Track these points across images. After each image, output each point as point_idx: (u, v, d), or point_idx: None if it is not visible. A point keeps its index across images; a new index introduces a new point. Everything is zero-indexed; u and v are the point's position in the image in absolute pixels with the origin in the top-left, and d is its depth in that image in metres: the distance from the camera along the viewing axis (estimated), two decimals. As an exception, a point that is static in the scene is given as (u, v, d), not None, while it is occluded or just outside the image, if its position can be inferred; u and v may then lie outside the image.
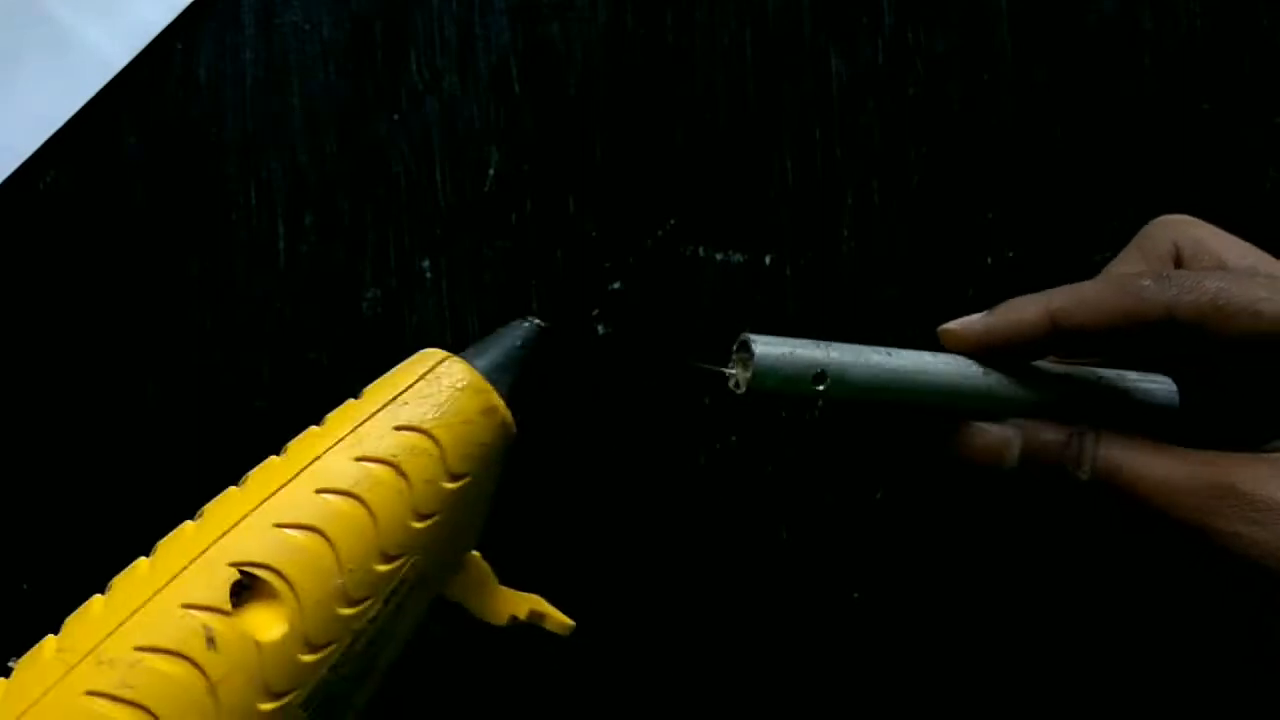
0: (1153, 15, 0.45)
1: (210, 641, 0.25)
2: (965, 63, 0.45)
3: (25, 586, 0.42)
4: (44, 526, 0.42)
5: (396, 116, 0.44)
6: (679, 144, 0.44)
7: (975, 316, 0.35)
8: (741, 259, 0.44)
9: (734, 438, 0.44)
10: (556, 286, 0.44)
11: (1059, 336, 0.33)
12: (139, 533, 0.42)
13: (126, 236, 0.43)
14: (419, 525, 0.28)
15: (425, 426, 0.29)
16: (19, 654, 0.27)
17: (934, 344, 0.35)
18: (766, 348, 0.32)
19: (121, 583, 0.27)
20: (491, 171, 0.44)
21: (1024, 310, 0.34)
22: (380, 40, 0.44)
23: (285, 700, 0.26)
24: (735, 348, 0.33)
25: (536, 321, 0.31)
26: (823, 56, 0.45)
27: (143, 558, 0.27)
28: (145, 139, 0.43)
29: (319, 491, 0.27)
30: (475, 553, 0.31)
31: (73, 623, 0.26)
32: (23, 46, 0.42)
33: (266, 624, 0.26)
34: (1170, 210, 0.40)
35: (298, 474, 0.28)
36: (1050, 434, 0.34)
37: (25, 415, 0.43)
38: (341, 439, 0.28)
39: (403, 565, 0.28)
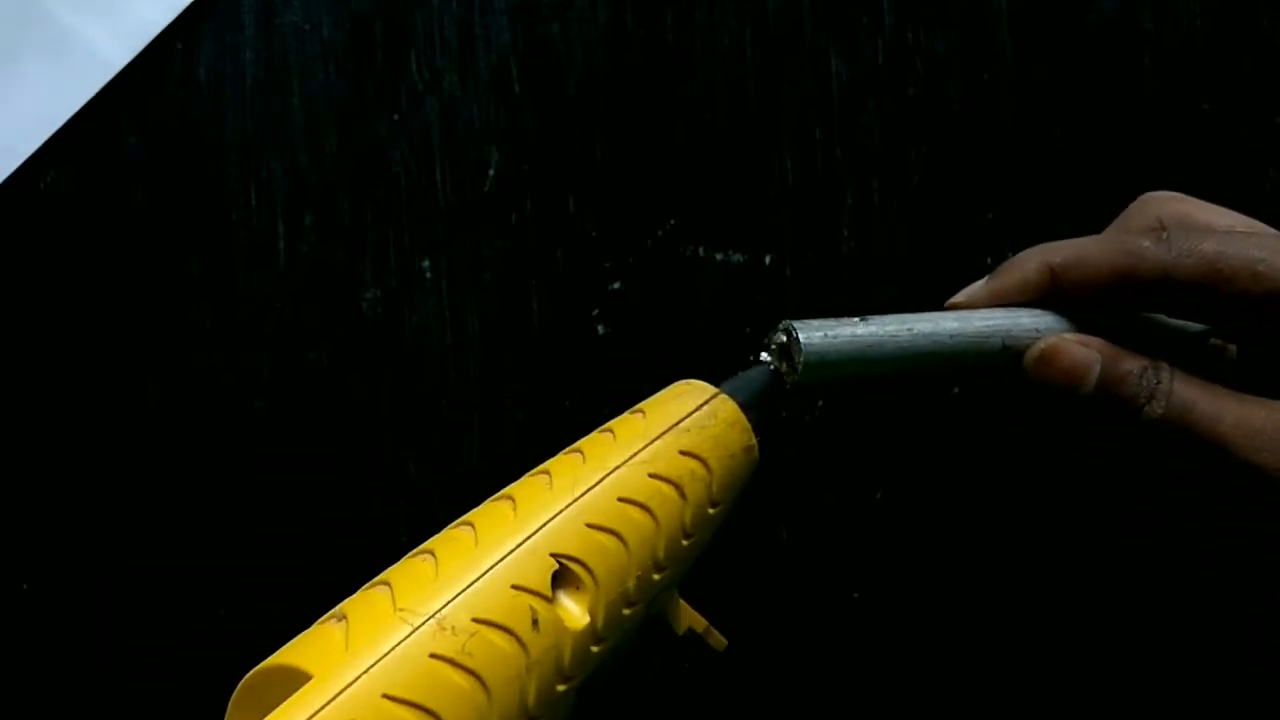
0: (1153, 15, 0.45)
1: (535, 623, 0.28)
2: (965, 63, 0.45)
3: (25, 586, 0.42)
4: (44, 526, 0.42)
5: (396, 116, 0.44)
6: (679, 144, 0.44)
7: (978, 284, 0.35)
8: (741, 259, 0.44)
9: (734, 438, 0.44)
10: (556, 286, 0.44)
11: (1059, 293, 0.34)
12: (140, 532, 0.43)
13: (126, 236, 0.43)
14: (685, 543, 0.31)
15: (703, 455, 0.32)
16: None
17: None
18: (810, 332, 0.32)
19: (447, 553, 0.29)
20: (491, 171, 0.44)
21: (1026, 267, 0.34)
22: (380, 40, 0.44)
23: (573, 684, 0.28)
24: (773, 343, 0.33)
25: (774, 366, 0.34)
26: (823, 56, 0.45)
27: (464, 529, 0.29)
28: (145, 139, 0.43)
29: (620, 500, 0.30)
30: None
31: (403, 581, 0.28)
32: (23, 46, 0.42)
33: (574, 613, 0.29)
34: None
35: (601, 480, 0.30)
36: (1130, 363, 0.33)
37: (25, 415, 0.43)
38: (636, 454, 0.31)
39: (667, 576, 0.31)
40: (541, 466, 0.32)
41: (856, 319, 0.33)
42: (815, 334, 0.33)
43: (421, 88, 0.44)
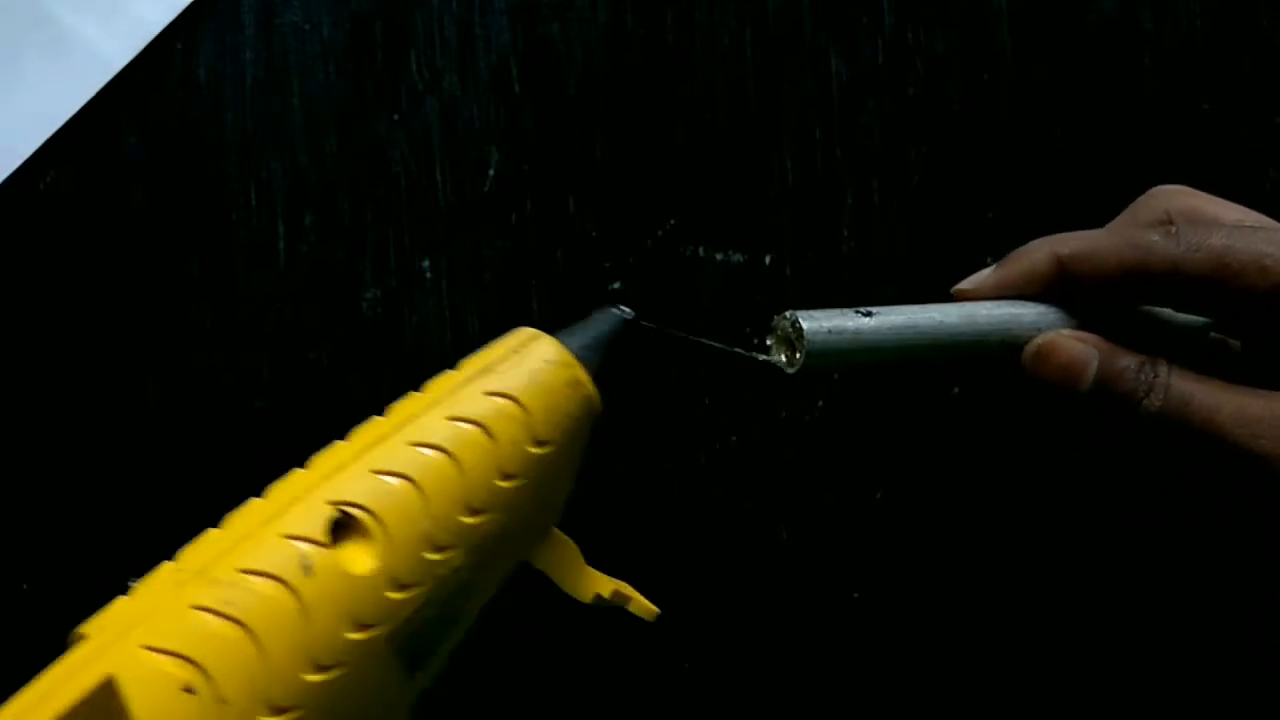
0: (1153, 15, 0.45)
1: (306, 569, 0.28)
2: (965, 63, 0.45)
3: (25, 586, 0.42)
4: (44, 526, 0.42)
5: (396, 116, 0.44)
6: (679, 144, 0.44)
7: (985, 272, 0.35)
8: (741, 259, 0.44)
9: (734, 438, 0.44)
10: (556, 286, 0.44)
11: (1067, 284, 0.34)
12: (139, 532, 0.43)
13: (126, 236, 0.43)
14: (504, 485, 0.30)
15: (513, 393, 0.31)
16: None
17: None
18: (813, 323, 0.33)
19: (234, 517, 0.30)
20: (491, 171, 0.44)
21: (1034, 257, 0.34)
22: (380, 40, 0.44)
23: (371, 633, 0.28)
24: (777, 329, 0.33)
25: (625, 310, 0.34)
26: (823, 56, 0.45)
27: (255, 497, 0.30)
28: (145, 139, 0.43)
29: (412, 444, 0.30)
30: (559, 531, 0.34)
31: (188, 549, 0.29)
32: (23, 46, 0.42)
33: (359, 559, 0.28)
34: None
35: (395, 430, 0.30)
36: (1126, 359, 0.33)
37: (25, 415, 0.43)
38: (437, 401, 0.31)
39: (487, 520, 0.30)
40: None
41: (859, 311, 0.33)
42: (818, 324, 0.33)
43: (421, 88, 0.44)
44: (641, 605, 0.34)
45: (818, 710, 0.44)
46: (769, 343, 0.34)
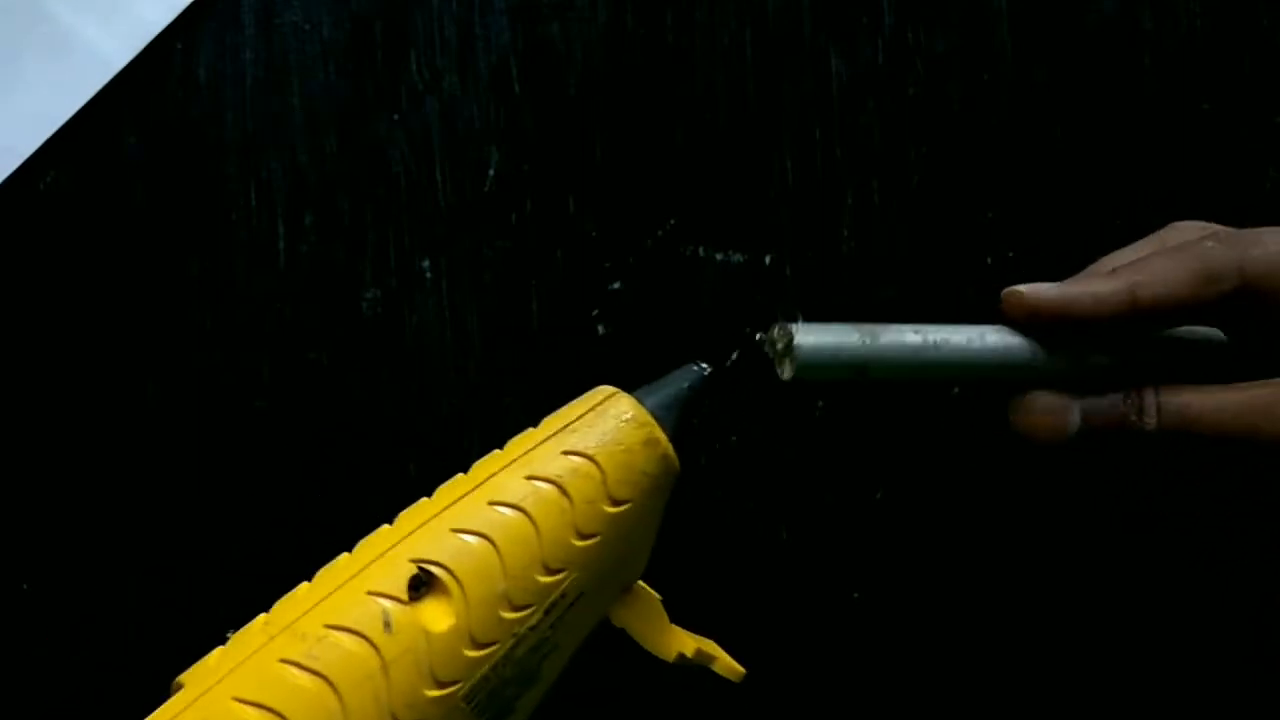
0: (1153, 15, 0.45)
1: (387, 625, 0.28)
2: (965, 63, 0.45)
3: (25, 586, 0.42)
4: (44, 526, 0.42)
5: (396, 116, 0.44)
6: (679, 144, 0.44)
7: (1046, 285, 0.34)
8: (741, 259, 0.44)
9: (734, 438, 0.44)
10: (556, 286, 0.44)
11: (1136, 314, 0.33)
12: (140, 532, 0.43)
13: (126, 236, 0.43)
14: (580, 544, 0.31)
15: (589, 452, 0.31)
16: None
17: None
18: (807, 338, 0.32)
19: (324, 572, 0.31)
20: (491, 171, 0.44)
21: (1100, 285, 0.33)
22: (380, 40, 0.44)
23: (449, 690, 0.29)
24: (776, 333, 0.33)
25: (705, 367, 0.34)
26: (823, 56, 0.45)
27: (345, 553, 0.31)
28: (145, 139, 0.43)
29: (491, 503, 0.31)
30: (644, 585, 0.34)
31: (281, 603, 0.30)
32: (23, 46, 0.42)
33: (437, 616, 0.29)
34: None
35: (475, 488, 0.31)
36: (1107, 397, 0.33)
37: (25, 415, 0.43)
38: (515, 460, 0.32)
39: (564, 579, 0.30)
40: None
41: (855, 332, 0.33)
42: (810, 340, 0.32)
43: (421, 88, 0.44)
44: (727, 665, 0.35)
45: (818, 710, 0.44)
46: (760, 337, 0.34)
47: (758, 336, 0.34)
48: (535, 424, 0.44)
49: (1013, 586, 0.44)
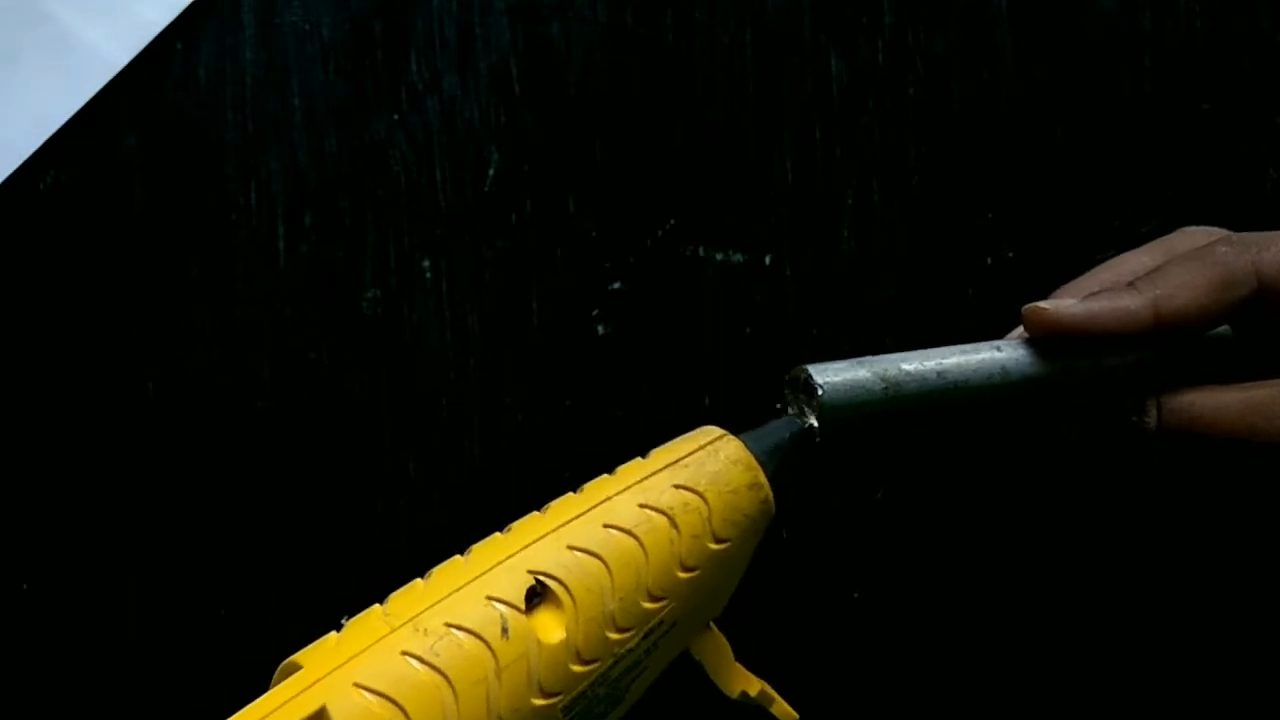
0: (1153, 15, 0.45)
1: (504, 631, 0.29)
2: (965, 63, 0.45)
3: (25, 586, 0.42)
4: (44, 526, 0.42)
5: (396, 116, 0.44)
6: (679, 144, 0.44)
7: (1069, 301, 0.34)
8: (741, 259, 0.44)
9: (734, 438, 0.44)
10: (556, 286, 0.44)
11: (1159, 327, 0.33)
12: (140, 532, 0.43)
13: (126, 237, 0.43)
14: (683, 575, 0.32)
15: (699, 488, 0.32)
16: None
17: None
18: (832, 391, 0.33)
19: (440, 573, 0.31)
20: (491, 171, 0.44)
21: (1125, 300, 0.33)
22: (380, 40, 0.44)
23: (552, 701, 0.30)
24: (794, 386, 0.34)
25: (809, 423, 0.34)
26: (823, 56, 0.45)
27: (458, 555, 0.32)
28: (145, 139, 0.43)
29: (605, 526, 0.31)
30: (713, 625, 0.35)
31: (397, 597, 0.31)
32: (23, 46, 0.42)
33: (550, 628, 0.30)
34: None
35: (590, 509, 0.32)
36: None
37: (25, 415, 0.43)
38: (629, 487, 0.32)
39: (664, 607, 0.32)
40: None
41: (871, 374, 0.33)
42: (835, 390, 0.33)
43: (421, 88, 0.44)
44: (783, 709, 0.36)
45: (818, 710, 0.44)
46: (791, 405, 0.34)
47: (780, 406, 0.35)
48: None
49: (1013, 586, 0.44)
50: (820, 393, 0.33)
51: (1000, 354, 0.34)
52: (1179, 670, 0.44)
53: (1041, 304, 0.34)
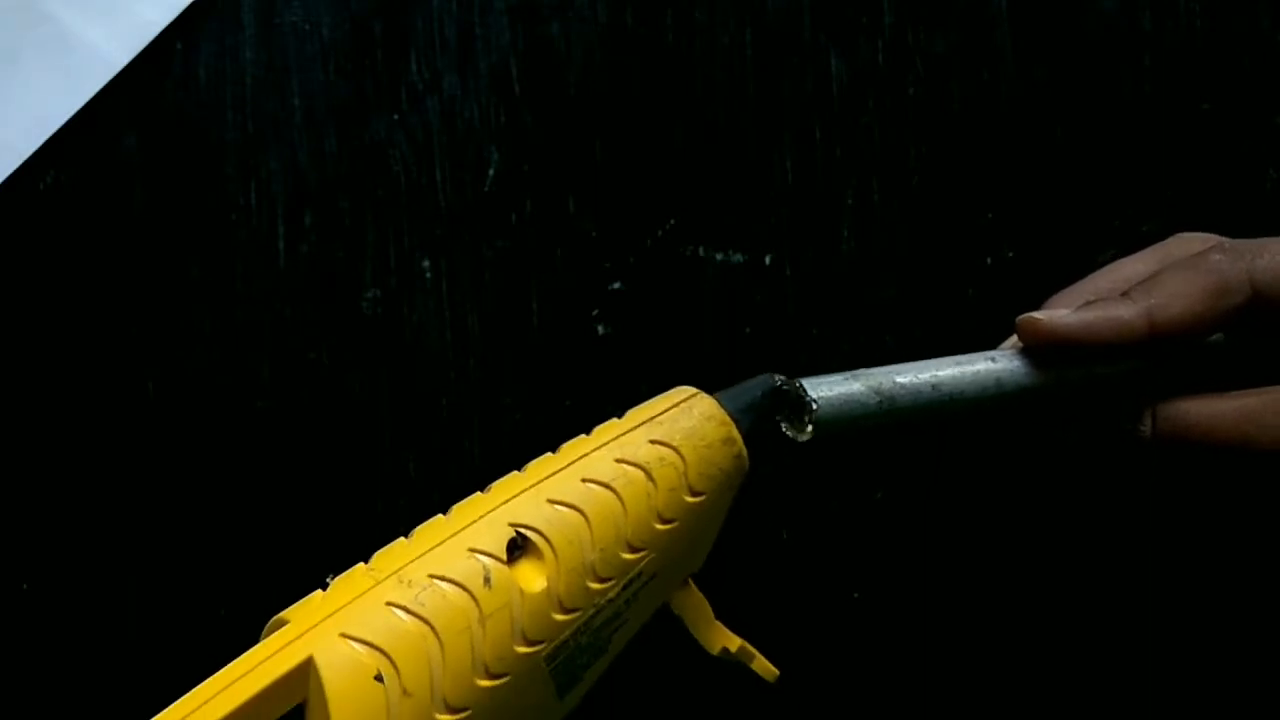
0: (1153, 15, 0.45)
1: (487, 580, 0.30)
2: (965, 63, 0.45)
3: (25, 586, 0.42)
4: (44, 526, 0.42)
5: (396, 116, 0.44)
6: (679, 144, 0.44)
7: (1063, 312, 0.34)
8: (741, 259, 0.44)
9: (734, 438, 0.44)
10: (556, 286, 0.44)
11: (1154, 336, 0.33)
12: (140, 532, 0.43)
13: (126, 237, 0.43)
14: (661, 527, 0.33)
15: (674, 443, 0.33)
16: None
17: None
18: (826, 403, 0.34)
19: (422, 530, 0.32)
20: (491, 171, 0.44)
21: (1119, 310, 0.33)
22: (380, 40, 0.44)
23: (535, 649, 0.31)
24: (786, 399, 0.34)
25: (779, 377, 0.35)
26: (823, 56, 0.45)
27: (440, 514, 0.33)
28: (145, 139, 0.43)
29: (584, 480, 0.32)
30: (693, 583, 0.36)
31: (380, 555, 0.32)
32: (23, 46, 0.42)
33: (532, 578, 0.31)
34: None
35: (568, 465, 0.33)
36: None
37: (25, 415, 0.43)
38: (605, 443, 0.33)
39: (643, 558, 0.33)
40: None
41: (865, 388, 0.34)
42: (831, 400, 0.33)
43: (421, 88, 0.44)
44: (763, 666, 0.37)
45: (818, 710, 0.44)
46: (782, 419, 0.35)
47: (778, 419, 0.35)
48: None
49: (1012, 587, 0.44)
50: (814, 408, 0.33)
51: (995, 365, 0.35)
52: (1177, 672, 0.44)
53: (1036, 314, 0.34)
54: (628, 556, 0.32)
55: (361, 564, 0.32)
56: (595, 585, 0.32)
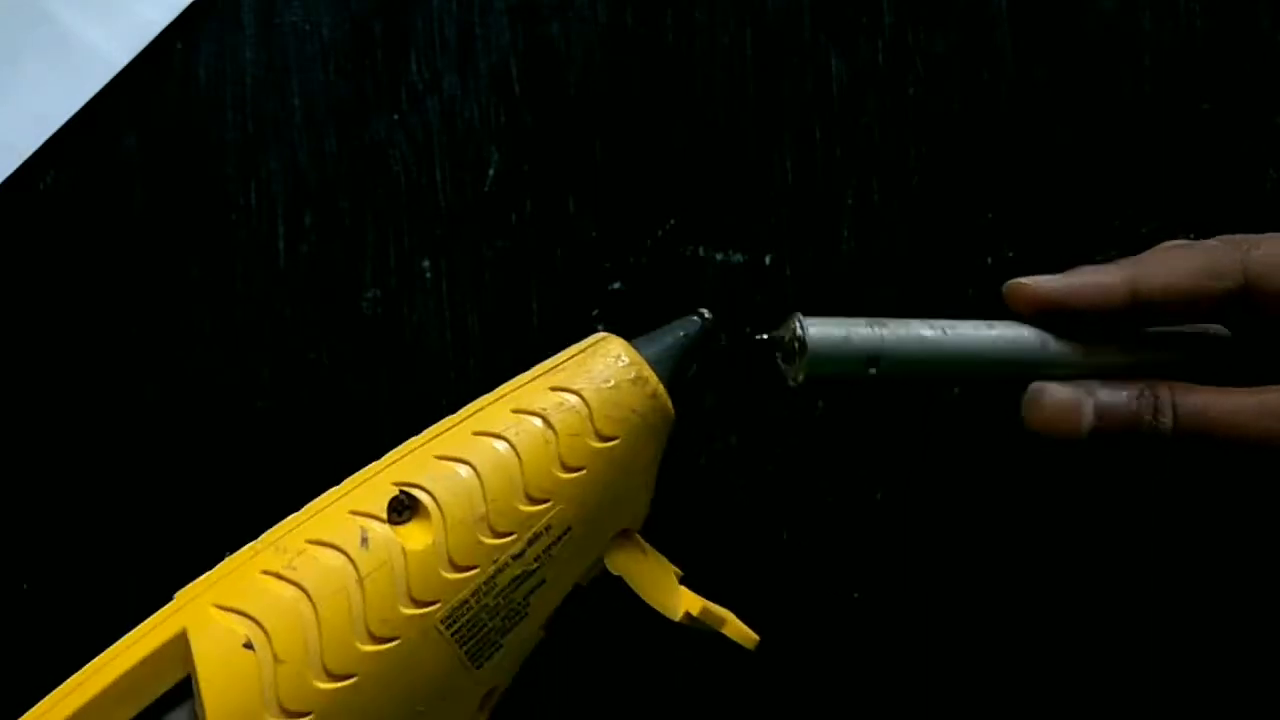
0: (1153, 15, 0.45)
1: (364, 541, 0.30)
2: (965, 63, 0.45)
3: (25, 586, 0.42)
4: (44, 526, 0.42)
5: (396, 116, 0.44)
6: (679, 144, 0.44)
7: (1048, 276, 0.34)
8: (741, 259, 0.44)
9: (734, 438, 0.44)
10: (556, 286, 0.44)
11: (1138, 306, 0.33)
12: (139, 532, 0.43)
13: (126, 237, 0.43)
14: (565, 475, 0.31)
15: (575, 388, 0.32)
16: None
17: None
18: (819, 330, 0.32)
19: (313, 503, 0.32)
20: (491, 171, 0.44)
21: (1103, 276, 0.33)
22: (380, 40, 0.44)
23: (426, 610, 0.29)
24: (785, 335, 0.33)
25: (706, 315, 0.34)
26: (823, 56, 0.45)
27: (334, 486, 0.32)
28: (145, 139, 0.43)
29: (475, 433, 0.32)
30: (645, 543, 0.34)
31: (270, 530, 0.32)
32: (23, 46, 0.42)
33: (415, 536, 0.30)
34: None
35: (461, 421, 0.32)
36: (1122, 392, 0.33)
37: (25, 415, 0.43)
38: (503, 396, 0.33)
39: (547, 510, 0.31)
40: None
41: (865, 323, 0.33)
42: (820, 331, 0.33)
43: (421, 88, 0.44)
44: (738, 629, 0.35)
45: (818, 710, 0.44)
46: (780, 351, 0.34)
47: (766, 336, 0.34)
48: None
49: (1013, 586, 0.44)
50: (807, 347, 0.32)
51: (996, 325, 0.34)
52: (1182, 671, 0.44)
53: (1022, 279, 0.34)
54: (527, 509, 0.31)
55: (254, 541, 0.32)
56: (491, 540, 0.30)
